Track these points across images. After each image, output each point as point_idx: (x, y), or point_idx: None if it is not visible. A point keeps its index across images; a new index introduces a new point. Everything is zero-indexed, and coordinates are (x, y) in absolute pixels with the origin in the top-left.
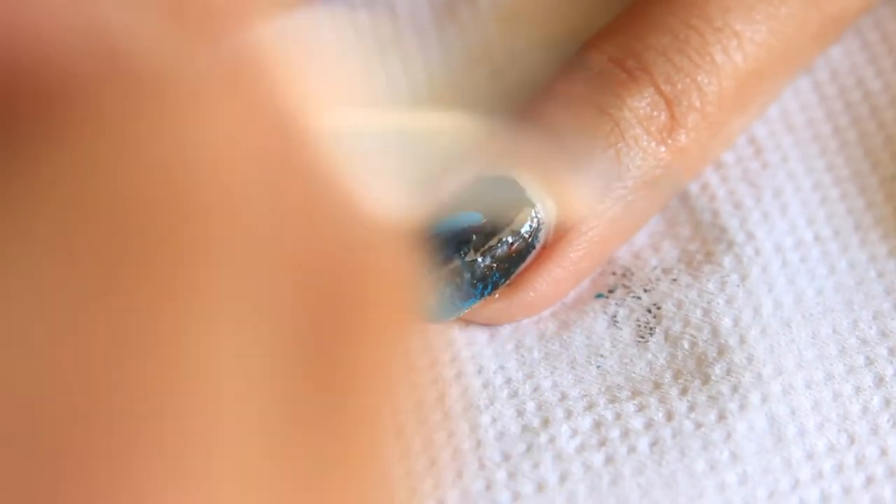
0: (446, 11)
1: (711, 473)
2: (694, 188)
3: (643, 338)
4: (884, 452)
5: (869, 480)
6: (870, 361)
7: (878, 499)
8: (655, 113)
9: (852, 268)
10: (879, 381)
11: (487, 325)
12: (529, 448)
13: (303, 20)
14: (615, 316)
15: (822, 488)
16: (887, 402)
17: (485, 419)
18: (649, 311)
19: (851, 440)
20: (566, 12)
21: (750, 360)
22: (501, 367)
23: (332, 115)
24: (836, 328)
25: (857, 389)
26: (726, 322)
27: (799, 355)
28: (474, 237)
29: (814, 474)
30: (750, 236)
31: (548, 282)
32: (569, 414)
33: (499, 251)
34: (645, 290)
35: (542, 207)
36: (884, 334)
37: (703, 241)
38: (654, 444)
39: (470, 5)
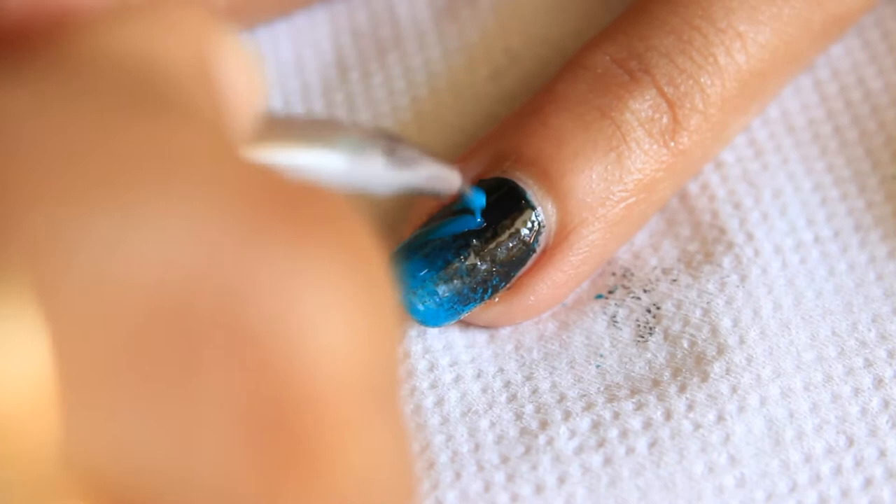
0: (446, 11)
1: (710, 476)
2: (694, 188)
3: (643, 337)
4: (882, 454)
5: (868, 482)
6: (869, 363)
7: (876, 500)
8: (657, 115)
9: (852, 270)
10: (878, 382)
11: (487, 327)
12: (528, 450)
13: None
14: (615, 316)
15: (820, 491)
16: (886, 404)
17: (483, 423)
18: (649, 311)
19: (850, 442)
20: (567, 12)
21: (749, 360)
22: (501, 370)
23: None
24: (836, 330)
25: (856, 391)
26: (726, 322)
27: (798, 357)
28: (474, 241)
29: (812, 477)
30: (749, 237)
31: (548, 285)
32: (567, 415)
33: (499, 255)
34: (645, 291)
35: (542, 211)
36: (883, 337)
37: (703, 241)
38: (652, 444)
39: (470, 5)
